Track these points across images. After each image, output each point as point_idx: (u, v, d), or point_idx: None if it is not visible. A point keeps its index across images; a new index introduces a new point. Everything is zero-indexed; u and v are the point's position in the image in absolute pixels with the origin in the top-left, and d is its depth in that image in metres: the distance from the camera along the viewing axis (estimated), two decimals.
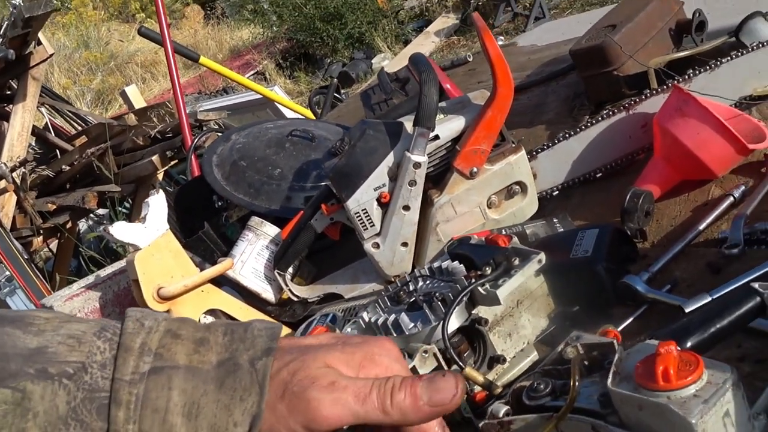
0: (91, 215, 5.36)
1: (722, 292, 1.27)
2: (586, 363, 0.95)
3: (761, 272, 1.29)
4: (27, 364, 0.62)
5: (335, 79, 5.17)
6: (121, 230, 1.82)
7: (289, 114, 5.30)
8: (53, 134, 5.29)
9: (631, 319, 1.37)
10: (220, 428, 0.62)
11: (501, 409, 0.97)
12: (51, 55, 4.79)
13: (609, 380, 0.83)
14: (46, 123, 5.53)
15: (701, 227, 1.58)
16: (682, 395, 0.75)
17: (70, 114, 5.83)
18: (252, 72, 10.25)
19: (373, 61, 8.75)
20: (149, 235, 1.83)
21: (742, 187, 1.64)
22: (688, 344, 0.96)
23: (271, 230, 2.01)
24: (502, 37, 6.03)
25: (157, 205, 1.86)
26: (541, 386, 0.94)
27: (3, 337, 0.63)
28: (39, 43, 4.69)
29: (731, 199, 1.62)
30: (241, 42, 12.15)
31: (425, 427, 0.70)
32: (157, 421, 0.62)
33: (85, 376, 0.63)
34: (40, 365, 0.62)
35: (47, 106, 5.50)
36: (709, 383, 0.76)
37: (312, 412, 0.64)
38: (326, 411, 0.64)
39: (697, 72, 1.85)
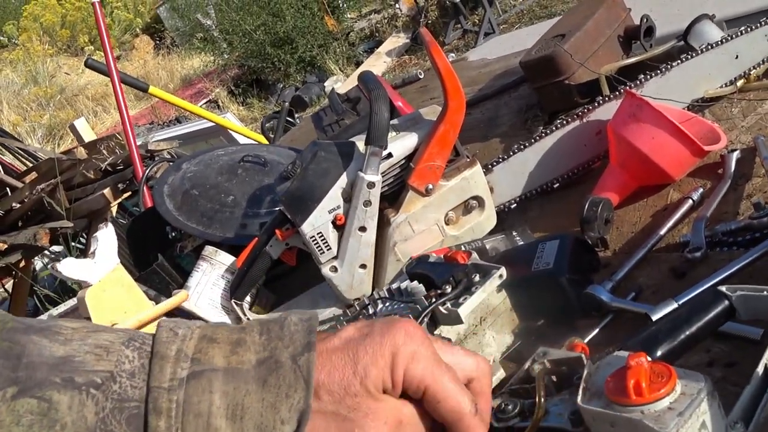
0: (47, 252, 5.23)
1: (688, 297, 1.24)
2: (554, 379, 0.92)
3: (726, 275, 1.28)
4: (53, 373, 0.61)
5: (287, 103, 5.13)
6: (69, 267, 1.75)
7: (242, 141, 5.25)
8: (2, 172, 5.17)
9: (597, 330, 1.35)
10: (267, 427, 0.61)
11: None
12: None
13: (579, 397, 0.79)
14: None
15: (662, 232, 1.56)
16: (656, 409, 0.72)
17: (19, 151, 5.71)
18: (205, 100, 10.17)
19: (325, 84, 8.72)
20: (99, 270, 1.77)
21: (700, 190, 1.63)
22: (658, 353, 0.93)
23: (226, 259, 1.95)
24: (453, 54, 6.05)
25: (107, 239, 1.80)
26: (509, 407, 0.91)
27: (29, 345, 0.62)
28: None
29: (690, 202, 1.61)
30: (193, 71, 12.06)
31: None
32: (201, 425, 0.60)
33: (114, 385, 0.61)
34: (67, 374, 0.61)
35: None
36: (683, 394, 0.73)
37: None
38: None
39: (649, 77, 1.85)
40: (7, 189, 4.98)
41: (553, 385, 0.92)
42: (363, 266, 1.70)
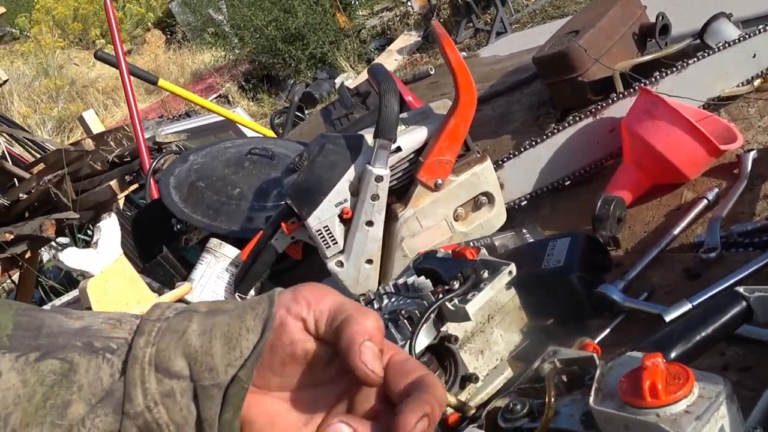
0: (53, 243, 5.21)
1: (703, 298, 1.21)
2: (564, 379, 0.88)
3: (741, 276, 1.24)
4: (74, 338, 0.66)
5: (296, 98, 5.10)
6: (71, 257, 1.73)
7: (251, 135, 5.22)
8: (10, 162, 5.15)
9: (608, 330, 1.31)
10: (233, 334, 0.64)
11: None
12: (5, 81, 4.67)
13: (591, 398, 0.76)
14: (3, 151, 5.39)
15: (676, 232, 1.52)
16: (672, 411, 0.69)
17: (27, 141, 5.70)
18: (215, 95, 10.14)
19: (336, 80, 8.68)
20: (101, 260, 1.74)
21: (716, 190, 1.59)
22: (672, 355, 0.90)
23: (231, 252, 1.93)
24: (464, 53, 6.01)
25: (109, 229, 1.78)
26: (518, 407, 0.87)
27: (47, 319, 0.67)
28: None
29: (705, 202, 1.57)
30: (203, 65, 12.03)
31: None
32: (175, 338, 0.65)
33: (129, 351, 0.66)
34: (87, 339, 0.65)
35: (4, 135, 5.36)
36: (701, 397, 0.70)
37: None
38: None
39: (664, 74, 1.81)
40: (15, 180, 4.97)
41: (564, 385, 0.89)
42: (369, 261, 1.67)
